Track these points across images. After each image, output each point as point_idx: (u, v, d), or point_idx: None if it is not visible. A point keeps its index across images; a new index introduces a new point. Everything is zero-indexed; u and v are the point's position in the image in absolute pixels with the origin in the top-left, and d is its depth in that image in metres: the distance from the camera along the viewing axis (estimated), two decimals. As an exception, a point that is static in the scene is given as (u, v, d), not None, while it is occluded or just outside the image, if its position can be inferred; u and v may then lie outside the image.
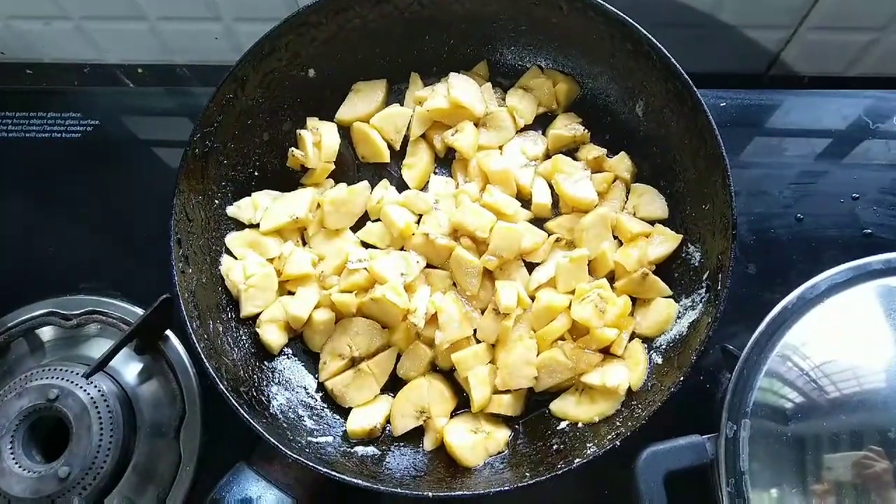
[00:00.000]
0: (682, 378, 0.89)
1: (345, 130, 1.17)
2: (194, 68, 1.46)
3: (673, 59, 0.96)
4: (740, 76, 1.37)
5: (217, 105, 1.02)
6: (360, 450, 1.00)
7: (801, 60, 1.32)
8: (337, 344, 1.04)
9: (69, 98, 1.32)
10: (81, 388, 0.99)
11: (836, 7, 1.18)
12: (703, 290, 0.97)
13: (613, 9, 0.99)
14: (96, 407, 0.99)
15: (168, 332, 1.11)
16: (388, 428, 1.03)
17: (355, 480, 0.87)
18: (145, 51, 1.41)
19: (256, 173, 1.12)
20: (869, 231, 1.13)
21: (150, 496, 1.03)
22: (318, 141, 1.11)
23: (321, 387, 1.05)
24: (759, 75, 1.37)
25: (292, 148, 1.12)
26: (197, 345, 0.93)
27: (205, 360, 0.92)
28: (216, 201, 1.07)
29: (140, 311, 1.12)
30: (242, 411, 0.90)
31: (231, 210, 1.09)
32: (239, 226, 1.10)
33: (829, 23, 1.21)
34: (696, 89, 0.95)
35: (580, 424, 0.98)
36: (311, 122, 1.14)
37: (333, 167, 1.15)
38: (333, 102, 1.16)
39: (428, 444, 1.01)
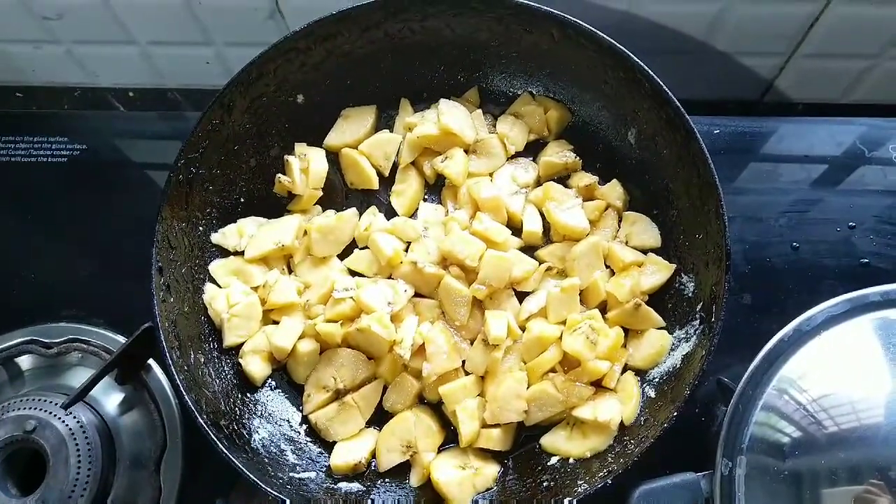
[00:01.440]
0: (675, 413, 0.87)
1: (333, 156, 1.15)
2: (186, 92, 1.45)
3: (665, 87, 0.95)
4: (734, 103, 1.37)
5: (202, 131, 1.01)
6: (344, 486, 0.97)
7: (796, 88, 1.32)
8: (321, 375, 1.02)
9: (56, 122, 1.31)
10: (60, 419, 0.97)
11: (830, 35, 1.18)
12: (697, 321, 0.95)
13: (605, 36, 0.98)
14: (74, 439, 0.96)
15: (151, 362, 1.08)
16: (373, 463, 1.00)
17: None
18: (136, 75, 1.41)
19: (242, 199, 1.10)
20: (866, 261, 1.12)
21: (129, 532, 1.00)
22: (305, 167, 1.10)
23: (305, 420, 1.03)
24: (753, 102, 1.37)
25: (279, 174, 1.11)
26: (176, 376, 0.91)
27: (184, 393, 0.90)
28: (200, 228, 1.05)
29: (123, 340, 1.10)
30: (222, 446, 0.87)
31: (216, 237, 1.07)
32: (223, 253, 1.08)
33: (823, 50, 1.21)
34: (688, 117, 0.94)
35: (571, 460, 0.95)
36: (300, 147, 1.13)
37: (321, 194, 1.13)
38: (322, 128, 1.15)
39: (414, 479, 0.99)
